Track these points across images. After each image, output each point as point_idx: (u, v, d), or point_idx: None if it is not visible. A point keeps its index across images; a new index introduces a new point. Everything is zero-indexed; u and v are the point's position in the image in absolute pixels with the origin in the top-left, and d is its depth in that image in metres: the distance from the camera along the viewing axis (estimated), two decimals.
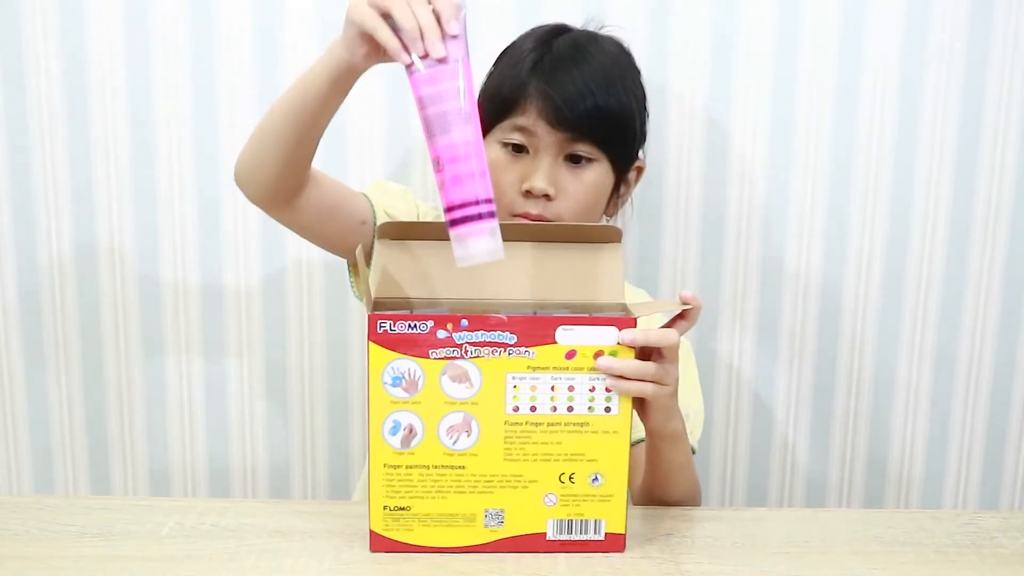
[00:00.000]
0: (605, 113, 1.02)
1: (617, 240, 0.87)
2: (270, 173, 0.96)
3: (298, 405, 1.34)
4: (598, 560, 0.84)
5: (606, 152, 1.04)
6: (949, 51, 1.26)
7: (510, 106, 1.02)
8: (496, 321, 0.81)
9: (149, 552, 0.85)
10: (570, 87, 1.00)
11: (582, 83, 1.01)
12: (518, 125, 1.02)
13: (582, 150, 1.03)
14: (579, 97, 1.00)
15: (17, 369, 1.32)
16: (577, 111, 1.00)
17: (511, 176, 1.03)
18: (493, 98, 1.04)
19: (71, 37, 1.23)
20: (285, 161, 0.95)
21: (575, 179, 1.03)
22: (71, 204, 1.27)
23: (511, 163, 1.04)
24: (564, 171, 1.03)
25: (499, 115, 1.03)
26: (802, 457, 1.38)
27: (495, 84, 1.06)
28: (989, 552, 0.88)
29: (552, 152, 1.02)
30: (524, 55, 1.04)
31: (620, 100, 1.03)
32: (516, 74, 1.03)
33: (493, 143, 1.04)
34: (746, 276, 1.32)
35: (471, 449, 0.83)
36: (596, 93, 1.01)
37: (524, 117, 1.02)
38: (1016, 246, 1.32)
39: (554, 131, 1.01)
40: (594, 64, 1.03)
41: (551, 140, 1.02)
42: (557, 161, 1.03)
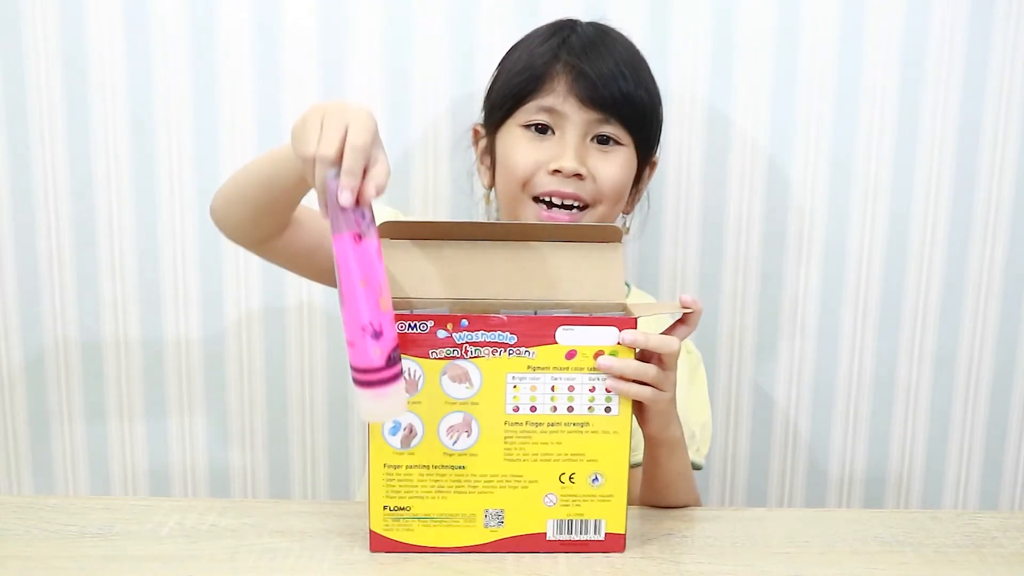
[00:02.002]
0: (636, 97, 1.01)
1: (617, 240, 0.87)
2: (243, 226, 0.97)
3: (298, 405, 1.34)
4: (598, 560, 0.85)
5: (633, 137, 1.02)
6: (949, 51, 1.26)
7: (536, 85, 1.00)
8: (496, 321, 0.81)
9: (149, 552, 0.85)
10: (602, 64, 0.99)
11: (613, 63, 0.99)
12: (545, 106, 1.00)
13: (611, 131, 1.01)
14: (611, 76, 0.99)
15: (17, 369, 1.32)
16: (610, 89, 0.98)
17: (536, 157, 1.01)
18: (514, 80, 1.02)
19: (71, 37, 1.23)
20: (257, 221, 0.95)
21: (606, 161, 1.01)
22: (71, 204, 1.27)
23: (535, 144, 1.01)
24: (593, 152, 1.01)
25: (522, 96, 1.01)
26: (802, 457, 1.38)
27: (517, 69, 1.03)
28: (989, 552, 0.88)
29: (580, 132, 1.00)
30: (544, 39, 1.02)
31: (648, 87, 1.03)
32: (541, 54, 1.01)
33: (514, 127, 1.02)
34: (746, 276, 1.32)
35: (471, 449, 0.83)
36: (627, 75, 1.00)
37: (552, 96, 1.00)
38: (1016, 246, 1.32)
39: (585, 109, 0.99)
40: (620, 49, 1.02)
41: (580, 119, 1.00)
42: (585, 142, 1.01)
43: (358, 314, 0.76)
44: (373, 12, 1.23)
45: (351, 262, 0.75)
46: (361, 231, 0.75)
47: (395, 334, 0.77)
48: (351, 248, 0.75)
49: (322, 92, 1.24)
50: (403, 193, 1.27)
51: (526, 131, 1.02)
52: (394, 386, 0.77)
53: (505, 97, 1.03)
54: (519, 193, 1.02)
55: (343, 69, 1.24)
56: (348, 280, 0.76)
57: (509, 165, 1.03)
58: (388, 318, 0.77)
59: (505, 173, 1.04)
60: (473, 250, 0.85)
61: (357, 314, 0.76)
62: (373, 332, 0.76)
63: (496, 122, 1.06)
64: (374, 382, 0.77)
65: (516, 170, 1.02)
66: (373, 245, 0.76)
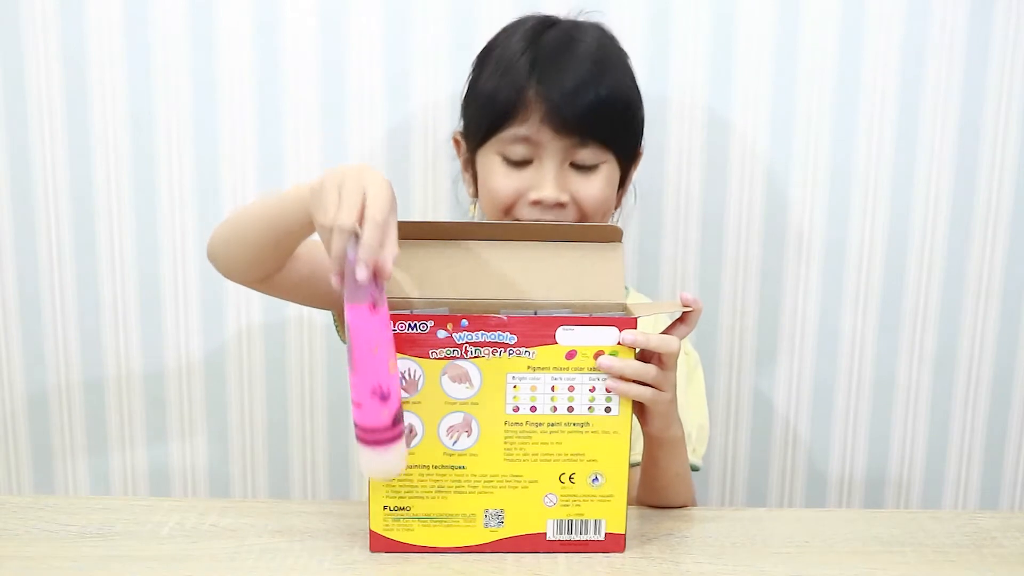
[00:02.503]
0: (611, 115, 0.99)
1: (617, 240, 0.87)
2: (243, 268, 0.96)
3: (298, 405, 1.34)
4: (598, 560, 0.84)
5: (613, 151, 1.01)
6: (949, 51, 1.26)
7: (511, 113, 0.98)
8: (496, 321, 0.81)
9: (149, 552, 0.85)
10: (573, 88, 0.97)
11: (584, 82, 0.97)
12: (520, 135, 0.98)
13: (588, 156, 0.99)
14: (583, 99, 0.97)
15: (17, 369, 1.32)
16: (583, 114, 0.97)
17: (516, 186, 1.00)
18: (487, 107, 1.01)
19: (71, 37, 1.23)
20: (258, 263, 0.95)
21: (586, 183, 1.00)
22: (71, 204, 1.27)
23: (514, 173, 1.00)
24: (572, 176, 1.00)
25: (498, 123, 0.99)
26: (802, 457, 1.38)
27: (488, 92, 1.01)
28: (989, 552, 0.88)
29: (558, 159, 0.99)
30: (518, 53, 1.00)
31: (623, 95, 1.00)
32: (511, 80, 0.98)
33: (491, 153, 1.01)
34: (746, 276, 1.32)
35: (471, 449, 0.83)
36: (600, 93, 0.97)
37: (525, 126, 0.98)
38: (1016, 246, 1.32)
39: (559, 137, 0.98)
40: (591, 57, 0.99)
41: (556, 147, 0.98)
42: (563, 167, 0.99)
43: (370, 378, 0.77)
44: (373, 12, 1.23)
45: (366, 331, 0.76)
46: (375, 300, 0.76)
47: (399, 393, 0.79)
48: (367, 317, 0.76)
49: (322, 92, 1.24)
50: (403, 193, 1.27)
51: (504, 160, 1.00)
52: (397, 444, 0.79)
53: (481, 119, 1.02)
54: (502, 216, 1.02)
55: (343, 69, 1.24)
56: (362, 347, 0.76)
57: (489, 193, 1.02)
58: (395, 380, 0.78)
59: (487, 197, 1.03)
60: (473, 250, 0.85)
61: (368, 378, 0.77)
62: (382, 395, 0.78)
63: (475, 141, 1.04)
64: (379, 441, 0.78)
65: (497, 199, 1.01)
66: (385, 310, 0.77)
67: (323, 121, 1.25)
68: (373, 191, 0.75)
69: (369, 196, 0.75)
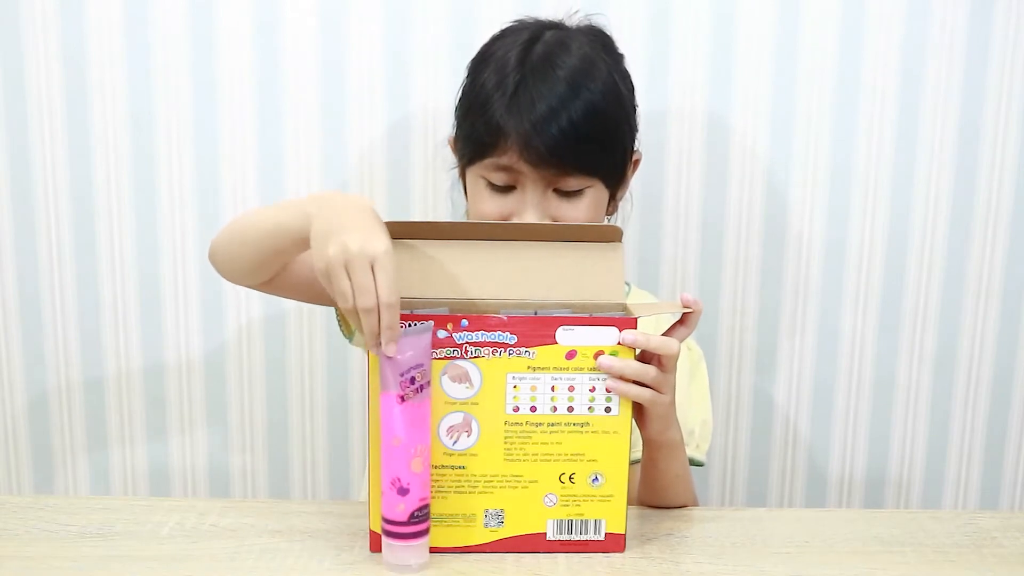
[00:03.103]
0: (593, 144, 0.97)
1: (617, 240, 0.87)
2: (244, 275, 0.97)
3: (298, 405, 1.34)
4: (598, 560, 0.84)
5: (596, 175, 0.99)
6: (949, 51, 1.26)
7: (488, 147, 0.98)
8: (496, 321, 0.81)
9: (149, 552, 0.85)
10: (549, 124, 0.94)
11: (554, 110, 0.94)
12: (500, 164, 0.97)
13: (571, 183, 0.98)
14: (555, 129, 0.94)
15: (17, 369, 1.32)
16: (555, 144, 0.95)
17: (501, 209, 0.99)
18: (469, 136, 1.00)
19: (71, 37, 1.23)
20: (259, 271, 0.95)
21: (570, 208, 0.99)
22: (71, 204, 1.27)
23: (499, 198, 0.99)
24: (555, 201, 0.99)
25: (480, 153, 0.99)
26: (802, 457, 1.38)
27: (470, 121, 1.00)
28: (989, 552, 0.88)
29: (540, 187, 0.98)
30: (495, 88, 0.98)
31: (600, 112, 0.97)
32: (489, 116, 0.97)
33: (477, 176, 1.01)
34: (746, 276, 1.32)
35: (471, 449, 0.83)
36: (571, 116, 0.95)
37: (505, 157, 0.97)
38: (1016, 246, 1.32)
39: (538, 168, 0.96)
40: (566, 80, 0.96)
41: (536, 176, 0.97)
42: (547, 193, 0.98)
43: (389, 469, 0.79)
44: (373, 12, 1.23)
45: (387, 421, 0.79)
46: (404, 394, 0.78)
47: (426, 495, 0.80)
48: (391, 407, 0.78)
49: (322, 92, 1.24)
50: (403, 193, 1.27)
51: (488, 184, 1.00)
52: (414, 543, 0.80)
53: (464, 148, 1.01)
54: None
55: (343, 69, 1.24)
56: (386, 435, 0.79)
57: (476, 214, 1.02)
58: (420, 480, 0.79)
59: (474, 216, 1.03)
60: (473, 250, 0.85)
61: (388, 468, 0.79)
62: (400, 489, 0.79)
63: (462, 161, 1.04)
64: (395, 534, 0.80)
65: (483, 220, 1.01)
66: (419, 409, 0.79)
67: (323, 121, 1.25)
68: (381, 268, 0.77)
69: (379, 275, 0.76)
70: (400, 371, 0.78)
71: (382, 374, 0.78)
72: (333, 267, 0.78)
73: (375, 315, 0.77)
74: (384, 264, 0.77)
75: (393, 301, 0.77)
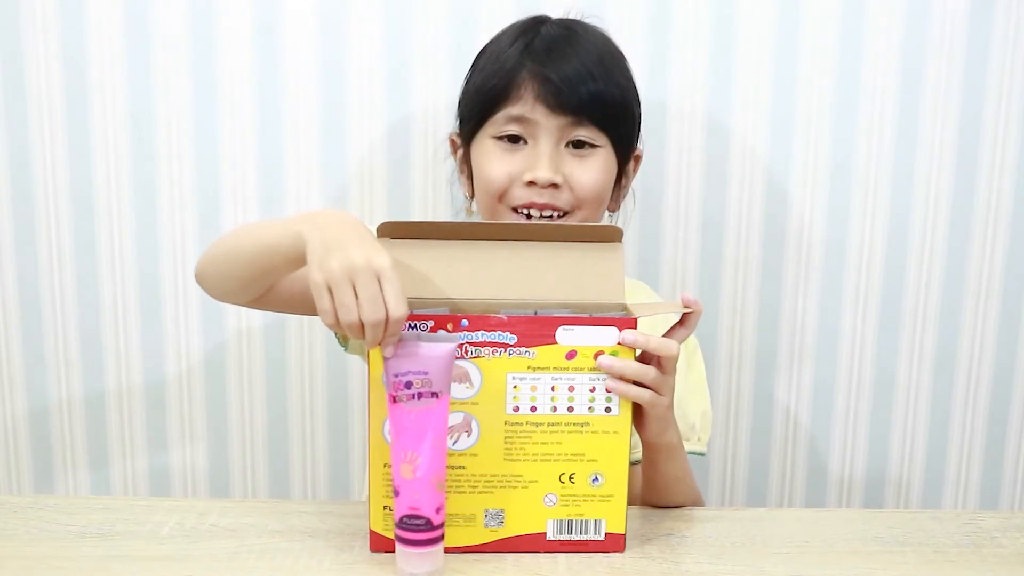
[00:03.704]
0: (606, 96, 0.98)
1: (617, 240, 0.87)
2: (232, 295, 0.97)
3: (298, 405, 1.34)
4: (598, 560, 0.84)
5: (609, 137, 1.00)
6: (949, 50, 1.26)
7: (503, 95, 0.98)
8: (496, 321, 0.81)
9: (149, 552, 0.85)
10: (567, 67, 0.96)
11: (579, 64, 0.96)
12: (513, 115, 0.98)
13: (585, 135, 0.98)
14: (578, 78, 0.96)
15: (17, 369, 1.32)
16: (578, 92, 0.96)
17: (510, 168, 0.99)
18: (481, 90, 1.00)
19: (71, 37, 1.23)
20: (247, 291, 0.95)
21: (582, 166, 0.99)
22: (71, 204, 1.27)
23: (508, 155, 0.99)
24: (568, 158, 0.99)
25: (490, 107, 0.99)
26: (802, 457, 1.38)
27: (481, 77, 1.01)
28: (989, 552, 0.88)
29: (553, 139, 0.98)
30: (510, 42, 1.00)
31: (619, 83, 0.99)
32: (506, 60, 0.98)
33: (485, 138, 1.00)
34: (746, 276, 1.32)
35: (471, 449, 0.83)
36: (595, 74, 0.96)
37: (520, 104, 0.97)
38: (1016, 246, 1.32)
39: (555, 115, 0.97)
40: (588, 46, 0.99)
41: (552, 125, 0.97)
42: (559, 148, 0.98)
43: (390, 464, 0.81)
44: (373, 12, 1.23)
45: (391, 419, 0.79)
46: (396, 395, 0.78)
47: (418, 506, 0.79)
48: (390, 407, 0.79)
49: (322, 92, 1.24)
50: (403, 193, 1.27)
51: (498, 142, 1.00)
52: (409, 550, 0.80)
53: (474, 108, 1.01)
54: (497, 205, 1.01)
55: (343, 69, 1.24)
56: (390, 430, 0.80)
57: (483, 178, 1.01)
58: (409, 487, 0.79)
59: (481, 186, 1.02)
60: (473, 250, 0.85)
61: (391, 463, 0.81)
62: (394, 489, 0.80)
63: (468, 133, 1.04)
64: (395, 535, 0.81)
65: (491, 183, 1.00)
66: (414, 415, 0.78)
67: (323, 121, 1.25)
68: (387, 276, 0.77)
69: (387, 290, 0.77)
70: (394, 372, 0.78)
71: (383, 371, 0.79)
72: (336, 280, 0.77)
73: (382, 328, 0.77)
74: (391, 277, 0.77)
75: (402, 314, 0.77)
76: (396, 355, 0.78)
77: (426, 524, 0.79)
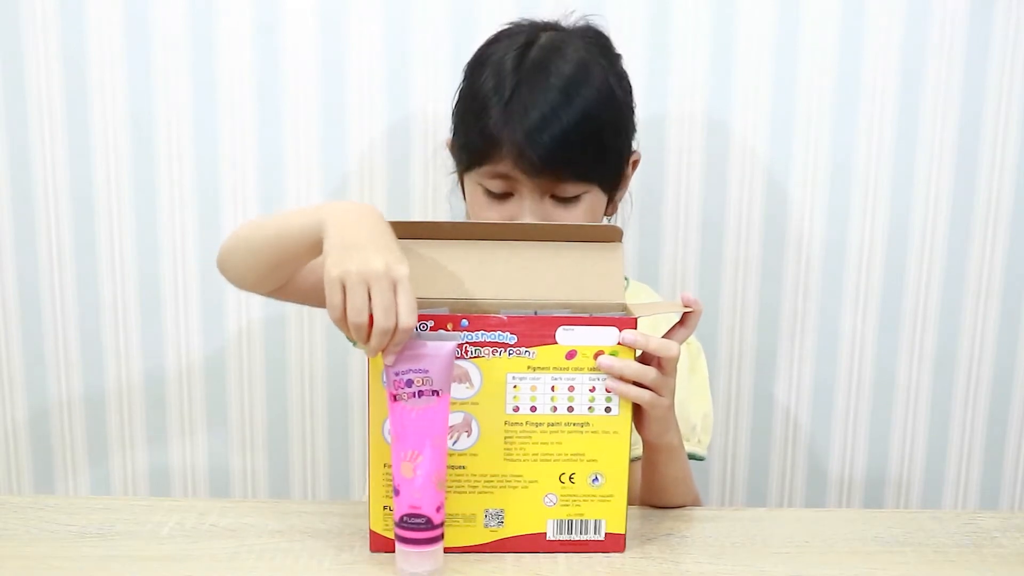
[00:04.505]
0: (581, 141, 0.96)
1: (617, 240, 0.87)
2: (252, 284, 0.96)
3: (298, 405, 1.34)
4: (598, 560, 0.84)
5: (592, 180, 0.99)
6: (949, 51, 1.26)
7: (485, 156, 0.98)
8: (496, 321, 0.81)
9: (149, 552, 0.85)
10: (545, 136, 0.94)
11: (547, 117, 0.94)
12: (497, 172, 0.98)
13: (568, 189, 0.98)
14: (554, 143, 0.94)
15: (17, 369, 1.32)
16: (550, 152, 0.95)
17: (497, 217, 0.99)
18: (465, 145, 1.00)
19: (71, 37, 1.23)
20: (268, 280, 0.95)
21: (567, 214, 0.99)
22: (71, 204, 1.27)
23: (496, 205, 1.00)
24: (552, 208, 0.99)
25: (475, 161, 0.99)
26: (802, 457, 1.38)
27: (465, 129, 1.01)
28: (989, 552, 0.88)
29: (536, 194, 0.98)
30: (490, 94, 0.98)
31: (594, 116, 0.97)
32: (484, 125, 0.97)
33: (474, 182, 1.01)
34: (746, 276, 1.32)
35: (471, 449, 0.83)
36: (570, 132, 0.95)
37: (501, 165, 0.97)
38: (1016, 246, 1.32)
39: (532, 177, 0.96)
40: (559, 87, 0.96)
41: (532, 185, 0.97)
42: (544, 200, 0.98)
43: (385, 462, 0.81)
44: (373, 12, 1.23)
45: (391, 418, 0.80)
46: (396, 393, 0.78)
47: (419, 505, 0.79)
48: (390, 406, 0.79)
49: (322, 92, 1.24)
50: (403, 193, 1.27)
51: (486, 192, 1.00)
52: (409, 549, 0.80)
53: (460, 154, 1.02)
54: None
55: (343, 69, 1.24)
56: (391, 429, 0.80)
57: (475, 219, 1.02)
58: (410, 486, 0.79)
59: (474, 220, 1.03)
60: (473, 250, 0.85)
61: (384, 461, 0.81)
62: (394, 487, 0.80)
63: (460, 167, 1.04)
64: (396, 535, 0.81)
65: None
66: (416, 413, 0.78)
67: (323, 121, 1.25)
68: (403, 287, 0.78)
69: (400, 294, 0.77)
70: (395, 370, 0.78)
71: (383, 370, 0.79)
72: (352, 281, 0.77)
73: (389, 336, 0.77)
74: (407, 288, 0.77)
75: (411, 325, 0.77)
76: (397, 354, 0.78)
77: (426, 523, 0.79)
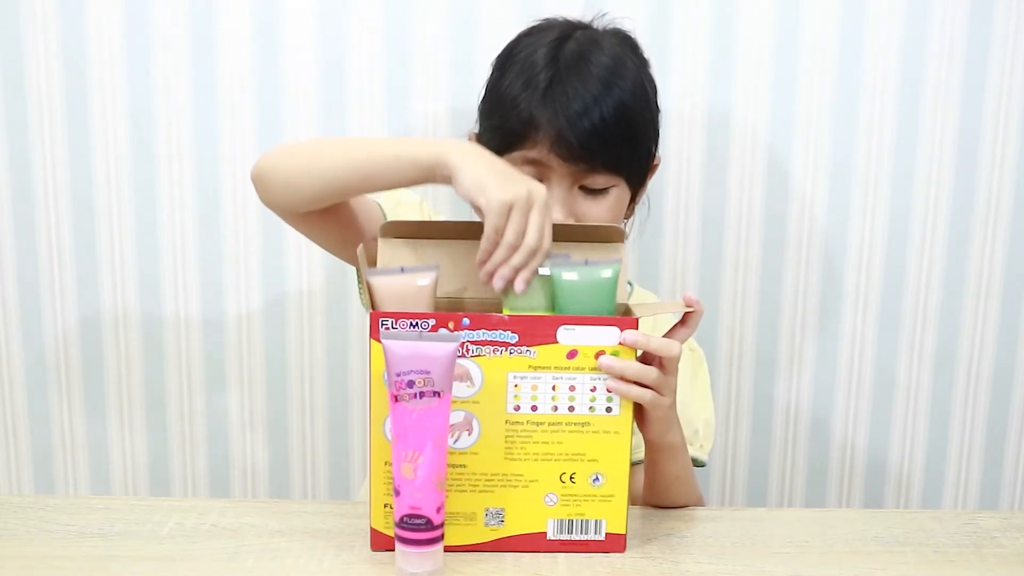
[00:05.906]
0: (616, 135, 0.97)
1: (619, 240, 0.87)
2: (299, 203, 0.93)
3: (298, 405, 1.34)
4: (598, 560, 0.84)
5: (622, 174, 1.00)
6: (949, 51, 1.26)
7: (519, 140, 0.98)
8: (498, 320, 0.81)
9: (149, 552, 0.85)
10: (584, 122, 0.95)
11: (587, 106, 0.95)
12: (529, 158, 0.98)
13: (598, 180, 0.98)
14: (593, 130, 0.95)
15: (17, 369, 1.32)
16: (592, 146, 0.96)
17: None
18: (499, 128, 1.00)
19: (71, 37, 1.23)
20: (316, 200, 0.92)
21: (593, 206, 0.99)
22: (71, 204, 1.27)
23: None
24: (580, 199, 0.99)
25: (507, 145, 0.99)
26: (802, 457, 1.38)
27: (501, 113, 1.00)
28: (989, 552, 0.88)
29: (567, 183, 0.98)
30: (531, 79, 0.98)
31: (628, 113, 0.98)
32: (522, 109, 0.97)
33: None
34: (746, 276, 1.32)
35: (472, 448, 0.83)
36: (603, 114, 0.96)
37: (535, 150, 0.97)
38: (1016, 246, 1.32)
39: (567, 163, 0.97)
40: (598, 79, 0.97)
41: (565, 172, 0.97)
42: (572, 190, 0.99)
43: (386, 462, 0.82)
44: (373, 12, 1.23)
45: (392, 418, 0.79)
46: (398, 394, 0.78)
47: (419, 506, 0.79)
48: (391, 406, 0.79)
49: (322, 92, 1.24)
50: None
51: None
52: (402, 547, 0.80)
53: (491, 141, 1.01)
54: None
55: (343, 69, 1.24)
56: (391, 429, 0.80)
57: None
58: (411, 486, 0.79)
59: None
60: (474, 249, 0.85)
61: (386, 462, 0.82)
62: (395, 488, 0.80)
63: None
64: (396, 535, 0.81)
65: None
66: (417, 414, 0.78)
67: (323, 121, 1.25)
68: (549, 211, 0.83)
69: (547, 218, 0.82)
70: (396, 371, 0.78)
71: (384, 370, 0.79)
72: (521, 204, 0.81)
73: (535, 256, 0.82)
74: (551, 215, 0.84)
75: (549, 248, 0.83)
76: (397, 354, 0.78)
77: (426, 524, 0.79)
